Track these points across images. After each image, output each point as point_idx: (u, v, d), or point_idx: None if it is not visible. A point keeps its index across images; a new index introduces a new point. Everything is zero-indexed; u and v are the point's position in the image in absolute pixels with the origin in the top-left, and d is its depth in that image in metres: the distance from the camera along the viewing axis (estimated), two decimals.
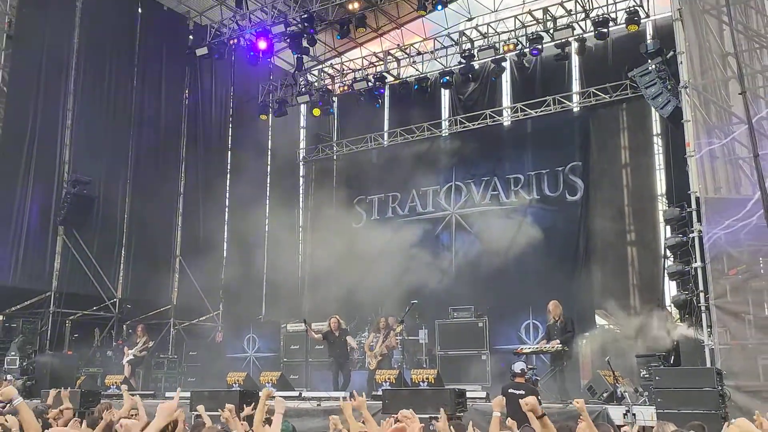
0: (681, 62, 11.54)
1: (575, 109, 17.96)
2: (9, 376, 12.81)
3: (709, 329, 10.13)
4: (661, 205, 16.09)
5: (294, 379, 14.29)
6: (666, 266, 13.51)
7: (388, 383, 11.28)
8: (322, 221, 20.75)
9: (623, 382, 10.46)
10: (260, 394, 6.24)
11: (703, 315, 10.27)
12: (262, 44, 17.74)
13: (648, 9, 16.39)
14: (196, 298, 17.89)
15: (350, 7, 16.87)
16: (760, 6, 12.53)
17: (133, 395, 8.09)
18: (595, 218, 16.97)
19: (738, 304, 10.03)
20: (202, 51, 18.12)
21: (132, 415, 6.48)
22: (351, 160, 21.36)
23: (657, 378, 9.03)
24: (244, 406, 8.10)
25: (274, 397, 5.65)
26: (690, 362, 10.26)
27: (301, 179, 22.33)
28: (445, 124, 20.10)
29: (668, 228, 12.70)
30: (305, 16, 17.04)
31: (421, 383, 11.03)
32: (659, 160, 16.66)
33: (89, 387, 12.17)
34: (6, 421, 5.23)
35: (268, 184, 21.02)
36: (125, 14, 17.40)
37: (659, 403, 8.61)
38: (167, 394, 11.02)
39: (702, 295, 10.35)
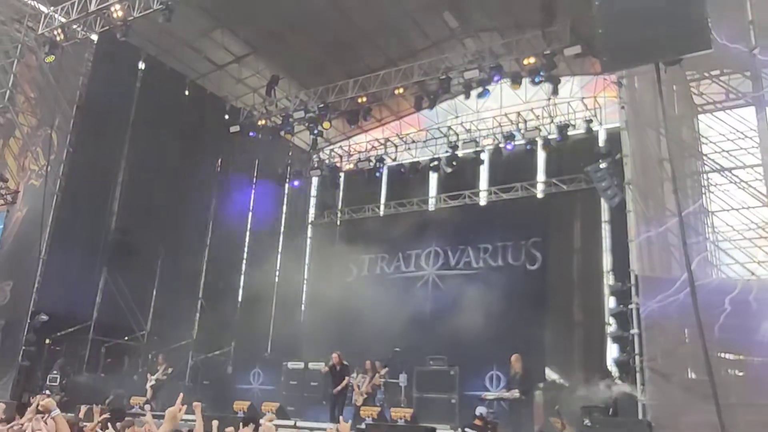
0: (626, 163, 11.75)
1: (539, 195, 18.27)
2: (47, 391, 12.63)
3: (642, 387, 10.10)
4: (607, 279, 16.15)
5: (291, 410, 14.04)
6: (609, 331, 13.54)
7: (371, 419, 11.17)
8: (322, 275, 20.73)
9: (569, 429, 10.38)
10: (261, 421, 6.19)
11: (638, 374, 10.23)
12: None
13: (601, 119, 16.91)
14: (212, 335, 17.70)
15: (359, 101, 17.36)
16: (689, 122, 13.03)
17: (154, 416, 7.99)
18: (550, 286, 17.02)
19: (667, 366, 10.04)
20: (235, 128, 18.56)
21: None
22: (351, 226, 21.44)
23: (597, 426, 9.00)
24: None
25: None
26: (626, 414, 10.17)
27: (308, 239, 22.37)
28: (431, 201, 20.33)
29: (612, 299, 12.76)
30: (322, 105, 17.50)
31: (399, 420, 10.95)
32: (606, 242, 16.75)
33: (116, 406, 11.97)
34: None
35: (281, 242, 21.08)
36: (176, 95, 17.73)
37: None
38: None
39: (638, 357, 10.34)
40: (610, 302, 13.35)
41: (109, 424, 5.18)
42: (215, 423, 6.98)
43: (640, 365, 10.17)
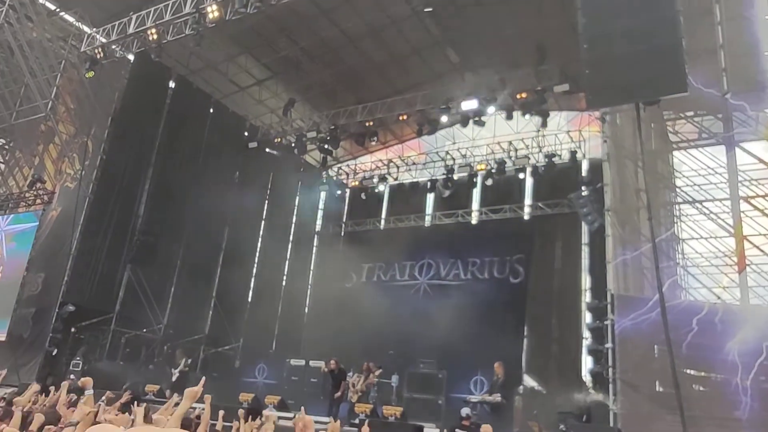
0: (606, 192, 11.75)
1: (525, 217, 18.20)
2: (72, 376, 12.53)
3: (614, 397, 10.02)
4: (584, 296, 16.03)
5: (291, 403, 13.92)
6: (585, 344, 13.45)
7: (364, 415, 11.07)
8: (325, 280, 20.67)
9: None
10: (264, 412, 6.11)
11: (611, 385, 10.15)
12: None
13: (584, 151, 16.97)
14: (223, 331, 17.58)
15: (366, 124, 17.43)
16: (665, 157, 13.08)
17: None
18: (531, 299, 16.84)
19: (638, 379, 9.96)
20: (253, 144, 18.60)
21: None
22: (353, 237, 21.37)
23: (572, 431, 8.92)
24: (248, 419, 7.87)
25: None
26: (598, 421, 10.11)
27: (314, 248, 22.28)
28: (428, 218, 20.29)
29: (589, 315, 12.69)
30: (333, 127, 17.56)
31: (390, 417, 10.84)
32: (585, 262, 16.62)
33: (133, 392, 11.85)
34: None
35: (289, 249, 20.98)
36: (201, 112, 17.76)
37: None
38: None
39: (611, 369, 10.26)
40: (587, 318, 13.28)
41: (135, 403, 5.18)
42: (221, 413, 6.93)
43: (612, 377, 10.10)
